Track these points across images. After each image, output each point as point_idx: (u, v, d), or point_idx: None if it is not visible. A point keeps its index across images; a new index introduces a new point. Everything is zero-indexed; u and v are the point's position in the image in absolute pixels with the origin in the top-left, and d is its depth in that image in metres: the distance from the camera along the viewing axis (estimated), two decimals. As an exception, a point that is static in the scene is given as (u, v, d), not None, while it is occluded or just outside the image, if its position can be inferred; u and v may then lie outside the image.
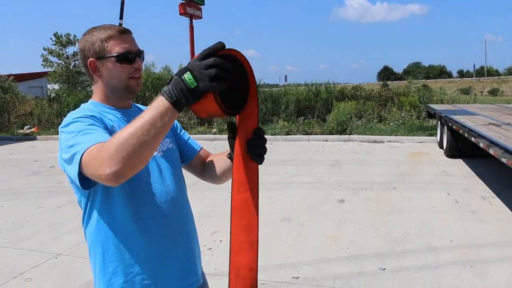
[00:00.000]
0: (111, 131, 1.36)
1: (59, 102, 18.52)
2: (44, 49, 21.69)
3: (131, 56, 1.44)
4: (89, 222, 1.44)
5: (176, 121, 1.36)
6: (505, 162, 4.54)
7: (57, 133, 5.97)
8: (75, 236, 4.81)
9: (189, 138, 1.72)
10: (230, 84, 1.09)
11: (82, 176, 1.22)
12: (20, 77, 24.68)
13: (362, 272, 3.73)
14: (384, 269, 3.76)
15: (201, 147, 1.73)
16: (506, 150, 4.50)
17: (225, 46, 1.10)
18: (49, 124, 17.66)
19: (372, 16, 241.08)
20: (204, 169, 1.69)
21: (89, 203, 1.42)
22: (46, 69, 23.35)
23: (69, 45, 21.72)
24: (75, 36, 21.59)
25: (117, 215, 1.40)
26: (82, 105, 1.53)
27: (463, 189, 6.29)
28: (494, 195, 5.94)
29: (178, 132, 1.70)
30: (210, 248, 4.34)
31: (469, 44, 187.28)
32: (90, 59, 1.44)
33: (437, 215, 5.20)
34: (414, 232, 4.63)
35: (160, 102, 1.09)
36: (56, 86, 22.23)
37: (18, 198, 6.71)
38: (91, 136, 1.24)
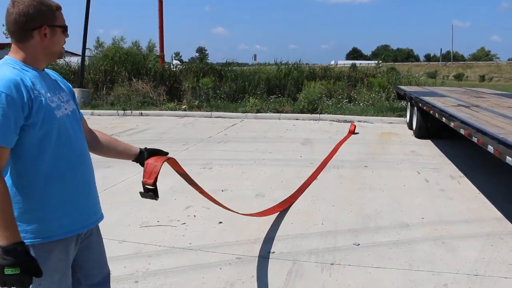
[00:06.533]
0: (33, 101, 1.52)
1: None
2: None
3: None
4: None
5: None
6: (475, 141, 4.64)
7: None
8: None
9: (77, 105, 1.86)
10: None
11: None
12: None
13: (336, 247, 3.74)
14: (359, 244, 3.79)
15: (82, 117, 1.87)
16: (477, 129, 4.59)
17: None
18: None
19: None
20: (92, 139, 1.95)
21: None
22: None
23: None
24: None
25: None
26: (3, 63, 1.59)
27: (433, 169, 6.42)
28: (462, 174, 6.09)
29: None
30: (184, 223, 4.27)
31: (437, 28, 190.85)
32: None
33: (408, 193, 5.29)
34: (386, 209, 4.69)
35: None
36: None
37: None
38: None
